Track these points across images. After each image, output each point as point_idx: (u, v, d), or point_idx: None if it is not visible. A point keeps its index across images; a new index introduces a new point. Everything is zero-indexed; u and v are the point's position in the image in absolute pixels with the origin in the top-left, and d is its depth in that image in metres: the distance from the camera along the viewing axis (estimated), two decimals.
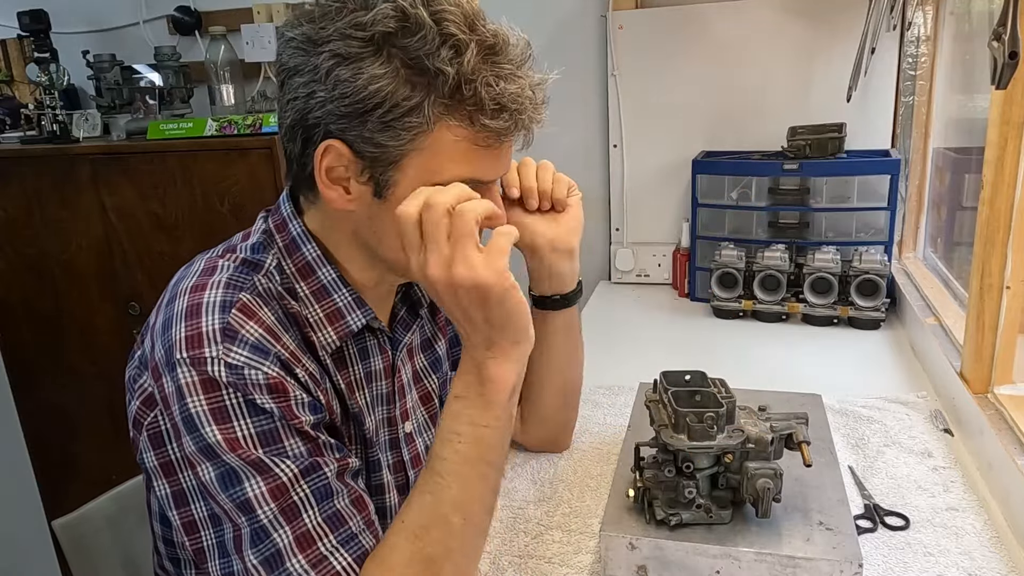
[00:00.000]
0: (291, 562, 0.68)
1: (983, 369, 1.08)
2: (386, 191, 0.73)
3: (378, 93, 0.69)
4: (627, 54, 1.91)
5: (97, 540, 1.02)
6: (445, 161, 0.72)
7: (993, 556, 0.85)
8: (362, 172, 0.73)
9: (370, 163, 0.72)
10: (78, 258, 2.12)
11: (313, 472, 0.71)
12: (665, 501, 0.81)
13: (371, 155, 0.72)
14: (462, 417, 0.72)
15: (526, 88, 0.72)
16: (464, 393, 0.73)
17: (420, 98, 0.69)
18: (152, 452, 0.74)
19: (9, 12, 2.18)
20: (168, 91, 2.16)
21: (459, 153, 0.72)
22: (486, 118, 0.71)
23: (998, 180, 1.02)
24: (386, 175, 0.73)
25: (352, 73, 0.69)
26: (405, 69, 0.69)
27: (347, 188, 0.75)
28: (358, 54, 0.69)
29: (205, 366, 0.69)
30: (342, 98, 0.69)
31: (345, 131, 0.71)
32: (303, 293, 0.79)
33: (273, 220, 0.83)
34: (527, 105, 0.72)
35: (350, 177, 0.74)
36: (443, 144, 0.71)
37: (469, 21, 0.70)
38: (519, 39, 0.73)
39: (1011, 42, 0.73)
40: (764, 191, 1.73)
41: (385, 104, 0.69)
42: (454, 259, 0.67)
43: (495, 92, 0.70)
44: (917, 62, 1.74)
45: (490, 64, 0.70)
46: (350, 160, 0.72)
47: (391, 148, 0.71)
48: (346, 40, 0.69)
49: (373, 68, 0.68)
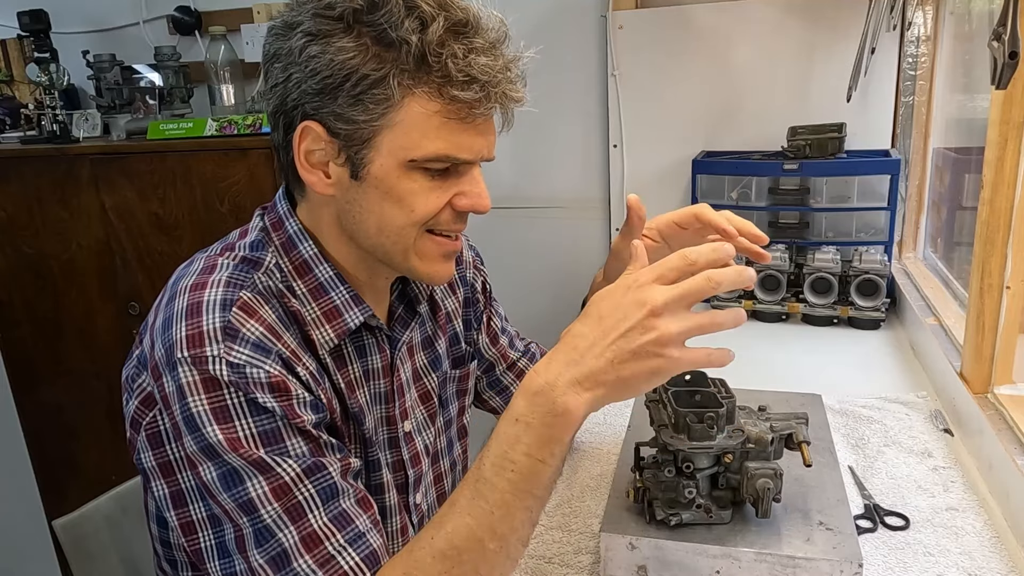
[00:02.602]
0: (298, 562, 0.68)
1: (983, 369, 1.08)
2: (361, 171, 0.74)
3: (345, 65, 0.70)
4: (627, 54, 1.91)
5: (97, 540, 1.02)
6: (418, 136, 0.72)
7: (993, 556, 0.85)
8: (339, 153, 0.74)
9: (345, 142, 0.73)
10: (78, 258, 2.12)
11: (317, 471, 0.71)
12: (665, 501, 0.81)
13: (344, 132, 0.73)
14: (519, 446, 0.67)
15: (499, 63, 0.72)
16: (528, 418, 0.66)
17: (387, 70, 0.70)
18: (150, 452, 0.74)
19: (9, 12, 2.18)
20: (168, 91, 2.17)
21: (432, 128, 0.72)
22: (455, 89, 0.70)
23: (998, 180, 1.02)
24: (360, 153, 0.73)
25: (321, 49, 0.70)
26: (373, 44, 0.70)
27: (326, 172, 0.76)
28: (328, 31, 0.70)
29: (206, 365, 0.68)
30: (313, 75, 0.71)
31: (319, 110, 0.72)
32: (300, 291, 0.79)
33: (269, 218, 0.83)
34: (500, 79, 0.72)
35: (328, 160, 0.75)
36: (414, 118, 0.71)
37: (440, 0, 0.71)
38: (494, 18, 0.74)
39: (1011, 42, 0.73)
40: (764, 191, 1.73)
41: (352, 77, 0.70)
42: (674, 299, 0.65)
43: (463, 63, 0.70)
44: (917, 62, 1.74)
45: (460, 38, 0.71)
46: (327, 141, 0.74)
47: (362, 124, 0.72)
48: (316, 19, 0.71)
49: (341, 42, 0.70)
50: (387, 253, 0.79)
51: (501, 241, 2.09)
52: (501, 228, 2.14)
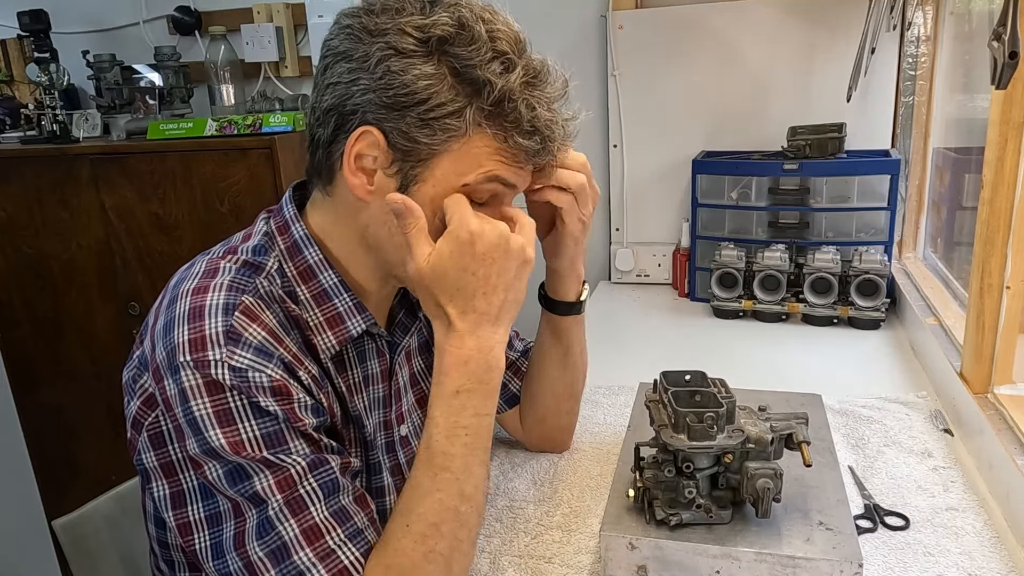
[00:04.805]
0: (298, 555, 0.68)
1: (983, 369, 1.08)
2: (412, 186, 0.75)
3: (425, 90, 0.71)
4: (627, 54, 1.91)
5: (97, 540, 1.02)
6: (472, 167, 0.74)
7: (993, 556, 0.85)
8: (391, 164, 0.74)
9: (401, 156, 0.74)
10: (78, 258, 2.12)
11: (320, 467, 0.71)
12: (665, 501, 0.81)
13: (404, 148, 0.73)
14: (467, 410, 0.74)
15: (559, 119, 0.76)
16: (468, 386, 0.74)
17: (463, 103, 0.72)
18: (152, 452, 0.74)
19: (9, 12, 2.18)
20: (168, 91, 2.16)
21: (488, 162, 0.74)
22: (520, 136, 0.73)
23: (998, 180, 1.02)
24: (415, 170, 0.74)
25: (402, 67, 0.71)
26: (452, 76, 0.71)
27: (371, 179, 0.76)
28: (411, 51, 0.71)
29: (209, 369, 0.69)
30: (387, 88, 0.71)
31: (382, 121, 0.73)
32: (304, 297, 0.79)
33: (275, 222, 0.82)
34: (558, 135, 0.76)
35: (377, 169, 0.75)
36: (475, 151, 0.74)
37: (520, 45, 0.74)
38: (559, 74, 0.77)
39: (1011, 42, 0.73)
40: (764, 191, 1.73)
41: (429, 102, 0.71)
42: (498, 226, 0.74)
43: (532, 115, 0.73)
44: (917, 62, 1.74)
45: (532, 89, 0.74)
46: (383, 150, 0.74)
47: (424, 145, 0.73)
48: (402, 36, 0.71)
49: (424, 67, 0.71)
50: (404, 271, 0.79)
51: None
52: None
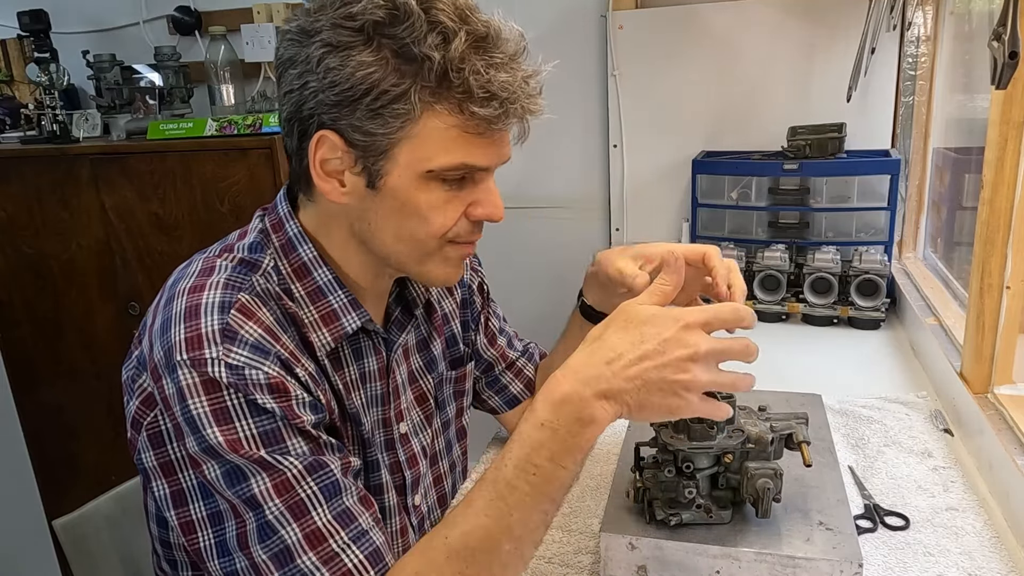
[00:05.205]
0: (301, 559, 0.68)
1: (983, 369, 1.08)
2: (378, 181, 0.74)
3: (366, 80, 0.70)
4: (627, 54, 1.91)
5: (97, 540, 1.02)
6: (435, 150, 0.72)
7: (993, 556, 0.85)
8: (356, 163, 0.74)
9: (362, 153, 0.73)
10: (78, 258, 2.12)
11: (320, 469, 0.71)
12: (665, 501, 0.81)
13: (362, 144, 0.73)
14: (544, 450, 0.67)
15: (518, 78, 0.72)
16: (554, 424, 0.66)
17: (407, 85, 0.70)
18: (152, 452, 0.74)
19: (9, 12, 2.18)
20: (168, 91, 2.17)
21: (449, 141, 0.72)
22: (475, 106, 0.70)
23: (998, 180, 1.02)
24: (377, 165, 0.73)
25: (341, 61, 0.70)
26: (394, 58, 0.70)
27: (341, 180, 0.76)
28: (348, 43, 0.70)
29: (206, 367, 0.69)
30: (332, 86, 0.71)
31: (336, 120, 0.72)
32: (299, 294, 0.79)
33: (270, 220, 0.83)
34: (519, 94, 0.72)
35: (344, 169, 0.75)
36: (432, 132, 0.72)
37: (460, 12, 0.71)
38: (513, 30, 0.74)
39: (1011, 42, 0.73)
40: (764, 191, 1.73)
41: (373, 91, 0.70)
42: None
43: (484, 80, 0.70)
44: (917, 62, 1.74)
45: (481, 53, 0.70)
46: (343, 151, 0.73)
47: (380, 136, 0.72)
48: (336, 30, 0.70)
49: (361, 56, 0.70)
50: (402, 261, 0.80)
51: (501, 241, 2.09)
52: (501, 228, 2.11)
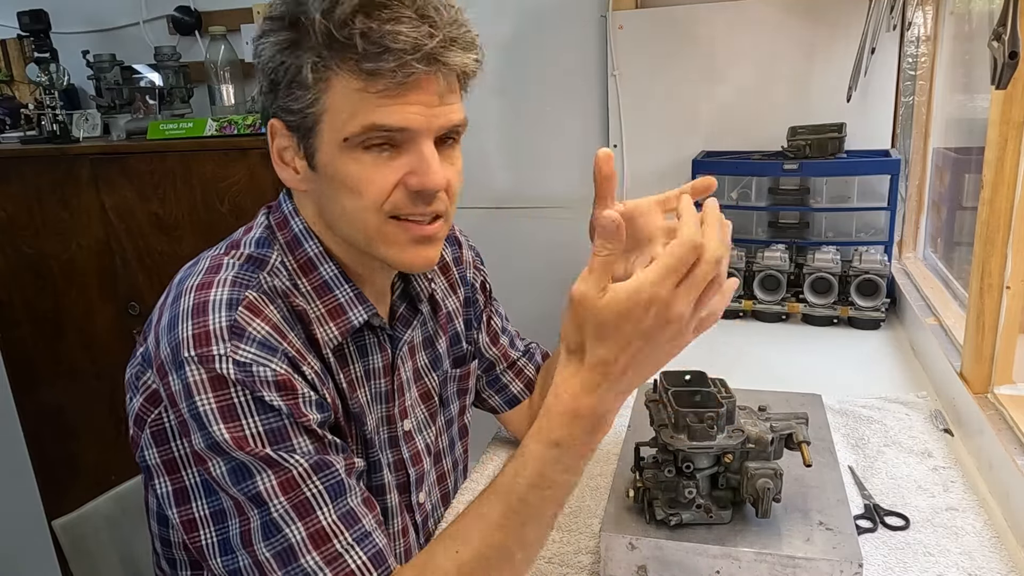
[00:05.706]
0: (305, 558, 0.68)
1: (983, 369, 1.08)
2: (313, 160, 0.76)
3: (274, 60, 0.73)
4: (627, 54, 1.91)
5: (97, 540, 1.02)
6: (346, 117, 0.72)
7: (993, 556, 0.85)
8: (298, 145, 0.77)
9: (298, 134, 0.76)
10: (78, 258, 2.12)
11: (325, 468, 0.71)
12: (665, 501, 0.81)
13: (294, 124, 0.75)
14: (560, 464, 0.66)
15: (421, 29, 0.69)
16: (570, 441, 0.65)
17: (301, 53, 0.72)
18: (155, 449, 0.74)
19: (9, 12, 2.18)
20: (168, 91, 2.17)
21: (355, 104, 0.71)
22: (369, 61, 0.69)
23: (998, 180, 1.02)
24: (310, 142, 0.75)
25: (263, 49, 0.74)
26: (288, 31, 0.72)
27: (296, 168, 0.78)
28: (267, 30, 0.74)
29: (213, 364, 0.69)
30: (264, 75, 0.75)
31: (278, 111, 0.76)
32: (305, 289, 0.80)
33: (275, 217, 0.84)
34: (421, 45, 0.69)
35: (295, 156, 0.78)
36: (341, 99, 0.72)
37: None
38: None
39: (1011, 42, 0.73)
40: (764, 191, 1.73)
41: (281, 68, 0.73)
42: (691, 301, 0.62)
43: (376, 35, 0.68)
44: (917, 62, 1.74)
45: (372, 9, 0.69)
46: (287, 136, 0.76)
47: (302, 113, 0.74)
48: (265, 23, 0.74)
49: (272, 39, 0.73)
50: (356, 241, 0.79)
51: (501, 241, 2.09)
52: (501, 228, 2.14)
